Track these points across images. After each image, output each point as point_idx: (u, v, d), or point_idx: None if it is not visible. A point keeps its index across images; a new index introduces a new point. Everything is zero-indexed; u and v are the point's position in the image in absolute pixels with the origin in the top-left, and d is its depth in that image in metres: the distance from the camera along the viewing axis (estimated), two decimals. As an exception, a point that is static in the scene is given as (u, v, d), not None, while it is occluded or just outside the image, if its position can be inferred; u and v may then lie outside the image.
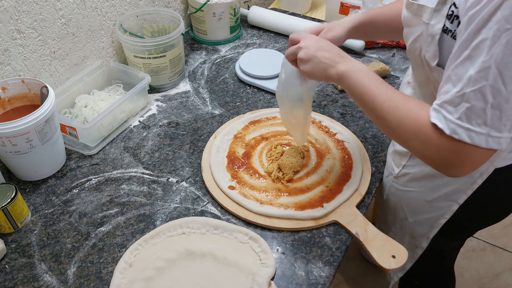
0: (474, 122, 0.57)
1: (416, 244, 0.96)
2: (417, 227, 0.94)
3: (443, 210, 0.86)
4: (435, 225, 0.90)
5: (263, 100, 1.16)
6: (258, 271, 0.75)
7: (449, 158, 0.61)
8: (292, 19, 1.40)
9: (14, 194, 0.81)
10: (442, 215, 0.87)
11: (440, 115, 0.60)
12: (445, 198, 0.84)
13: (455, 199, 0.83)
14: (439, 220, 0.88)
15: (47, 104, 0.85)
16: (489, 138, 0.58)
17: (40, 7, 0.96)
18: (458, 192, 0.82)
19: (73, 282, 0.75)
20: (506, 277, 1.66)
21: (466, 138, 0.58)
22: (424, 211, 0.90)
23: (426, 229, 0.92)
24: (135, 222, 0.85)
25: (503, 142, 0.58)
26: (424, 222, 0.91)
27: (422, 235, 0.94)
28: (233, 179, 0.91)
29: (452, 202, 0.84)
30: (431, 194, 0.86)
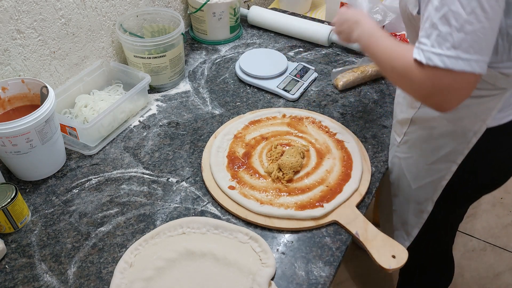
0: (444, 47, 0.63)
1: (422, 209, 0.99)
2: (420, 192, 0.96)
3: (444, 172, 0.90)
4: (437, 188, 0.93)
5: (263, 100, 1.16)
6: (258, 271, 0.75)
7: (429, 87, 0.67)
8: (292, 19, 1.40)
9: (14, 194, 0.81)
10: (443, 176, 0.90)
11: (419, 49, 0.66)
12: (444, 160, 0.88)
13: (453, 159, 0.87)
14: (440, 182, 0.92)
15: (47, 104, 0.85)
16: (459, 60, 0.63)
17: (40, 7, 0.96)
18: (455, 152, 0.86)
19: (73, 282, 0.75)
20: (506, 277, 1.66)
21: (439, 62, 0.63)
22: (425, 175, 0.93)
23: (429, 192, 0.95)
24: (135, 222, 0.85)
25: (474, 65, 0.63)
26: (427, 186, 0.94)
27: (426, 199, 0.96)
28: (233, 179, 0.91)
29: (451, 163, 0.88)
30: (430, 157, 0.90)
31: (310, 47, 1.37)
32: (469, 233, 1.82)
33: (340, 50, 1.36)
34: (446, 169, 0.89)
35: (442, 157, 0.88)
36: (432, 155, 0.90)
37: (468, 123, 0.81)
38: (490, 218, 1.89)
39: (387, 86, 1.20)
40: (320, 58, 1.32)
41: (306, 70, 1.23)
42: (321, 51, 1.35)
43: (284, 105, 1.14)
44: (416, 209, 1.00)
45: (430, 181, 0.93)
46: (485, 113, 0.79)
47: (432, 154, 0.90)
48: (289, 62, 1.26)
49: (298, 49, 1.37)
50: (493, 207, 1.94)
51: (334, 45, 1.38)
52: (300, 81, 1.19)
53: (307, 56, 1.33)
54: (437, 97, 0.67)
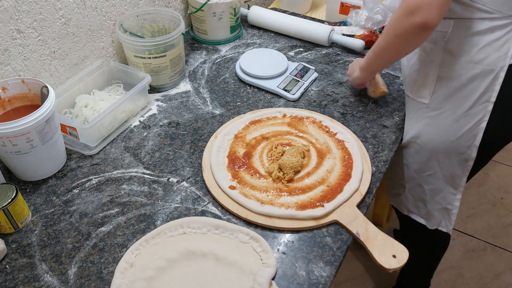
0: None
1: (466, 158, 0.99)
2: (462, 142, 0.98)
3: (481, 114, 0.92)
4: (478, 132, 0.95)
5: (264, 100, 1.16)
6: (259, 271, 0.75)
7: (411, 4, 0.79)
8: (292, 19, 1.40)
9: (15, 194, 0.81)
10: (482, 118, 0.93)
11: None
12: (479, 101, 0.91)
13: (488, 98, 0.90)
14: (480, 124, 0.94)
15: (47, 104, 0.85)
16: None
17: (40, 7, 0.96)
18: (489, 90, 0.90)
19: (74, 282, 0.75)
20: (506, 277, 1.66)
21: None
22: (464, 124, 0.95)
23: (471, 139, 0.96)
24: (136, 222, 0.85)
25: None
26: (467, 133, 0.96)
27: (469, 146, 0.97)
28: (233, 179, 0.91)
29: (486, 103, 0.91)
30: (466, 104, 0.93)
31: (310, 47, 1.37)
32: (469, 233, 1.82)
33: (340, 50, 1.36)
34: (483, 110, 0.92)
35: (477, 100, 0.91)
36: (466, 101, 0.92)
37: (492, 60, 0.87)
38: (490, 218, 1.89)
39: (387, 86, 1.20)
40: (320, 58, 1.32)
41: (306, 70, 1.23)
42: (321, 51, 1.35)
43: (285, 105, 1.14)
44: (460, 159, 1.00)
45: (469, 128, 0.95)
46: (505, 46, 0.85)
47: (466, 100, 0.92)
48: (290, 62, 1.26)
49: (298, 49, 1.37)
50: (493, 207, 1.94)
51: (334, 45, 1.38)
52: (301, 81, 1.19)
53: (307, 56, 1.33)
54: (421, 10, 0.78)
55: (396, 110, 1.12)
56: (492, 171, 2.11)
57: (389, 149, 1.01)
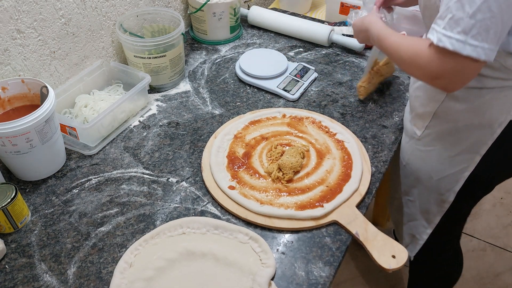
0: (455, 31, 0.67)
1: (444, 199, 1.00)
2: (443, 183, 0.97)
3: (467, 163, 0.91)
4: (460, 179, 0.94)
5: (263, 100, 1.16)
6: (258, 271, 0.75)
7: (437, 67, 0.72)
8: (292, 19, 1.40)
9: (14, 194, 0.81)
10: (466, 167, 0.92)
11: (432, 30, 0.71)
12: (468, 151, 0.90)
13: (477, 150, 0.89)
14: (463, 173, 0.93)
15: (47, 104, 0.85)
16: (467, 45, 0.67)
17: (40, 7, 0.96)
18: (479, 143, 0.88)
19: (73, 282, 0.75)
20: (506, 277, 1.66)
21: (448, 45, 0.68)
22: (448, 167, 0.94)
23: (452, 183, 0.96)
24: (135, 222, 0.85)
25: (480, 51, 0.67)
26: (450, 177, 0.95)
27: (448, 190, 0.97)
28: (233, 179, 0.91)
29: (474, 154, 0.90)
30: (454, 149, 0.92)
31: (310, 47, 1.37)
32: (469, 233, 1.82)
33: (340, 50, 1.36)
34: (470, 160, 0.90)
35: (466, 148, 0.90)
36: (455, 147, 0.91)
37: (494, 115, 0.84)
38: (490, 218, 1.89)
39: (387, 86, 1.20)
40: (320, 58, 1.32)
41: (306, 70, 1.23)
42: (321, 51, 1.35)
43: (284, 105, 1.14)
44: (438, 199, 1.01)
45: (453, 172, 0.94)
46: (510, 104, 0.82)
47: (455, 146, 0.91)
48: (289, 62, 1.26)
49: (298, 49, 1.37)
50: (493, 207, 1.94)
51: (334, 45, 1.38)
52: (300, 81, 1.19)
53: (307, 56, 1.33)
54: (443, 78, 0.73)
55: (396, 110, 1.12)
56: (492, 171, 2.10)
57: (389, 149, 1.01)
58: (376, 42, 0.91)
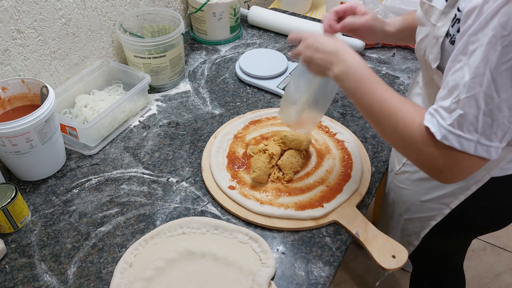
0: (465, 129, 0.57)
1: (409, 241, 0.98)
2: (410, 225, 0.95)
3: (435, 212, 0.87)
4: (426, 225, 0.91)
5: (263, 100, 1.16)
6: (258, 271, 0.75)
7: (439, 164, 0.61)
8: (292, 19, 1.40)
9: (14, 194, 0.81)
10: (434, 216, 0.88)
11: (434, 119, 0.60)
12: (438, 201, 0.85)
13: (447, 203, 0.84)
14: (430, 221, 0.89)
15: (47, 104, 0.85)
16: (478, 145, 0.58)
17: (40, 7, 0.96)
18: (450, 196, 0.82)
19: (73, 282, 0.75)
20: (506, 277, 1.66)
21: (456, 144, 0.58)
22: (417, 210, 0.91)
23: (418, 227, 0.93)
24: (135, 222, 0.85)
25: (493, 152, 0.58)
26: (417, 221, 0.93)
27: (414, 233, 0.95)
28: (233, 179, 0.91)
29: (444, 205, 0.85)
30: (425, 195, 0.87)
31: (310, 47, 1.37)
32: (469, 233, 1.82)
33: (340, 50, 1.35)
34: (438, 210, 0.86)
35: (436, 198, 0.85)
36: (426, 193, 0.87)
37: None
38: (490, 218, 1.89)
39: (387, 86, 1.20)
40: (320, 58, 1.32)
41: (306, 70, 1.23)
42: (321, 51, 1.35)
43: (284, 105, 1.14)
44: (404, 239, 0.99)
45: (420, 217, 0.91)
46: (493, 163, 0.73)
47: (426, 193, 0.87)
48: (289, 62, 1.26)
49: (298, 49, 1.36)
50: (493, 207, 1.94)
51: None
52: (300, 81, 1.19)
53: (307, 56, 1.33)
54: (445, 174, 0.63)
55: (396, 110, 1.12)
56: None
57: (389, 149, 1.01)
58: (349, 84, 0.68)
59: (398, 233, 1.00)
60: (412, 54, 1.32)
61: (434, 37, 0.66)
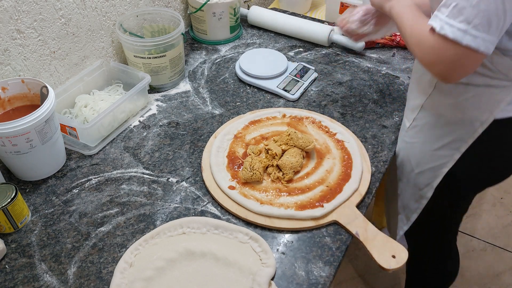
0: (457, 19, 0.67)
1: (422, 195, 1.01)
2: (421, 178, 0.99)
3: (446, 159, 0.92)
4: (438, 174, 0.95)
5: (263, 100, 1.16)
6: (258, 271, 0.75)
7: (436, 56, 0.72)
8: (292, 19, 1.40)
9: (14, 194, 0.81)
10: (445, 163, 0.92)
11: (436, 17, 0.71)
12: (448, 147, 0.90)
13: (457, 147, 0.89)
14: (442, 169, 0.94)
15: (47, 104, 0.85)
16: (467, 35, 0.67)
17: (40, 7, 0.96)
18: (459, 140, 0.88)
19: (73, 282, 0.75)
20: (506, 277, 1.66)
21: (449, 33, 0.68)
22: (428, 161, 0.95)
23: (430, 178, 0.97)
24: (135, 222, 0.85)
25: (480, 42, 0.67)
26: (428, 172, 0.96)
27: (426, 185, 0.98)
28: (233, 179, 0.91)
29: (454, 150, 0.90)
30: (435, 143, 0.93)
31: (310, 47, 1.37)
32: (469, 233, 1.82)
33: (340, 50, 1.36)
34: (449, 156, 0.91)
35: (447, 144, 0.90)
36: (437, 141, 0.92)
37: (476, 113, 0.84)
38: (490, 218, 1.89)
39: (387, 86, 1.20)
40: (320, 58, 1.32)
41: (306, 70, 1.23)
42: (321, 51, 1.35)
43: (284, 105, 1.14)
44: (416, 194, 1.02)
45: (432, 167, 0.95)
46: (494, 104, 0.81)
47: (437, 141, 0.92)
48: (289, 62, 1.26)
49: (298, 49, 1.37)
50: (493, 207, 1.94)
51: (334, 45, 1.38)
52: (300, 81, 1.19)
53: (307, 56, 1.33)
54: (440, 66, 0.72)
55: (396, 110, 1.12)
56: (492, 171, 2.11)
57: (389, 149, 1.01)
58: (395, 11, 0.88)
59: (410, 190, 1.03)
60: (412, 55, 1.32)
61: None
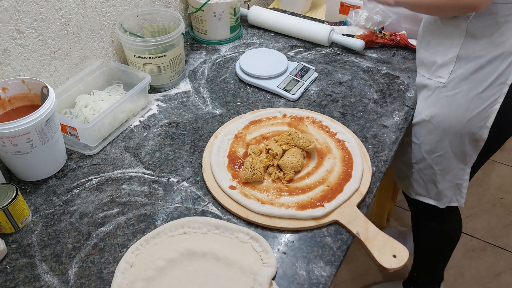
0: None
1: (477, 138, 1.02)
2: (474, 122, 1.00)
3: (496, 95, 0.95)
4: (491, 113, 0.97)
5: (264, 99, 1.16)
6: (259, 270, 0.75)
7: None
8: (292, 19, 1.40)
9: (15, 194, 0.81)
10: (496, 100, 0.95)
11: None
12: (495, 84, 0.94)
13: (504, 81, 0.93)
14: (493, 106, 0.96)
15: (47, 104, 0.85)
16: None
17: (40, 7, 0.96)
18: (505, 74, 0.92)
19: (74, 282, 0.75)
20: (506, 277, 1.66)
21: None
22: (478, 105, 0.97)
23: (483, 120, 0.99)
24: (136, 222, 0.85)
25: None
26: (480, 114, 0.98)
27: (481, 127, 1.00)
28: (234, 179, 0.91)
29: (502, 85, 0.93)
30: (481, 85, 0.95)
31: (310, 47, 1.37)
32: (469, 233, 1.82)
33: (340, 50, 1.36)
34: (498, 92, 0.94)
35: (492, 81, 0.93)
36: (482, 83, 0.95)
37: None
38: (490, 218, 1.89)
39: (387, 86, 1.20)
40: (320, 58, 1.32)
41: (306, 70, 1.23)
42: (321, 51, 1.35)
43: (285, 105, 1.14)
44: (471, 138, 1.03)
45: (483, 108, 0.97)
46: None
47: (482, 82, 0.94)
48: (290, 62, 1.26)
49: (298, 49, 1.37)
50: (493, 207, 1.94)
51: (334, 45, 1.38)
52: (301, 81, 1.19)
53: (307, 56, 1.33)
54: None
55: (396, 110, 1.12)
56: (492, 171, 2.11)
57: (389, 149, 1.01)
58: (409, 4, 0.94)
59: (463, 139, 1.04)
60: (412, 54, 1.32)
61: None
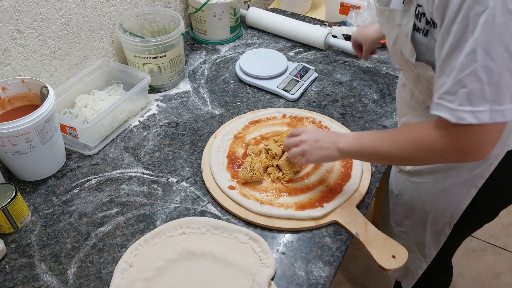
0: (475, 104, 0.60)
1: (439, 232, 0.96)
2: (438, 216, 0.93)
3: (463, 196, 0.87)
4: (455, 212, 0.90)
5: (263, 100, 1.16)
6: (258, 271, 0.75)
7: (464, 145, 0.65)
8: (289, 22, 1.39)
9: (14, 194, 0.81)
10: (462, 200, 0.87)
11: (441, 107, 0.63)
12: (463, 184, 0.86)
13: (474, 183, 0.84)
14: (459, 206, 0.88)
15: (47, 104, 0.85)
16: (492, 113, 0.60)
17: (40, 7, 0.96)
18: (476, 176, 0.83)
19: (73, 282, 0.75)
20: (506, 277, 1.66)
21: (473, 119, 0.61)
22: (443, 199, 0.90)
23: (447, 217, 0.92)
24: (135, 222, 0.85)
25: (507, 113, 0.60)
26: (445, 210, 0.91)
27: (444, 223, 0.93)
28: (233, 179, 0.91)
29: (470, 187, 0.85)
30: (448, 182, 0.87)
31: (310, 47, 1.37)
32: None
33: (340, 50, 1.35)
34: (466, 193, 0.86)
35: (461, 182, 0.85)
36: (449, 180, 0.87)
37: None
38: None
39: (387, 86, 1.20)
40: (320, 58, 1.32)
41: (306, 70, 1.23)
42: (321, 51, 1.35)
43: (284, 105, 1.14)
44: (433, 231, 0.97)
45: (447, 206, 0.90)
46: (507, 136, 0.77)
47: (449, 179, 0.87)
48: (289, 62, 1.26)
49: (298, 49, 1.37)
50: (493, 207, 1.94)
51: (331, 48, 1.38)
52: (300, 81, 1.19)
53: (307, 56, 1.33)
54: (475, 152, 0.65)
55: (396, 110, 1.12)
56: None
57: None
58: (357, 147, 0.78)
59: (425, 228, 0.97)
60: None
61: (403, 34, 0.73)
